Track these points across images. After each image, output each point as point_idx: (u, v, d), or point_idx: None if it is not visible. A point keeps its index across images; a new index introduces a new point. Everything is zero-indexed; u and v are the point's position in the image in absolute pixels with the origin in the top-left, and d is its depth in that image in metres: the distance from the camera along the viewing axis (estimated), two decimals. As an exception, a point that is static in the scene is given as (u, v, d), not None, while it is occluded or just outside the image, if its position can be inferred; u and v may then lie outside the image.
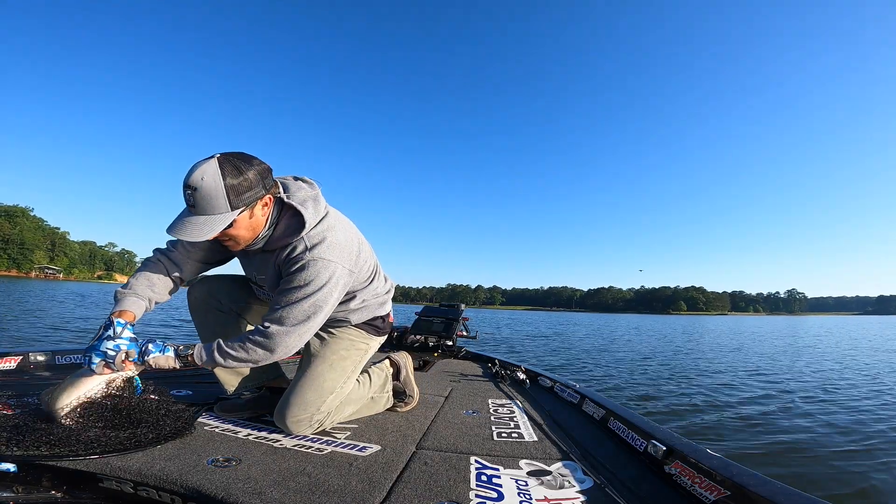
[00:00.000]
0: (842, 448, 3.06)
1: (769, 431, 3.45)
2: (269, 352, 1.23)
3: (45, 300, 16.64)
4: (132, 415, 1.19)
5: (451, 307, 3.85)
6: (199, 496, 0.92)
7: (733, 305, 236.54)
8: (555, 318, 43.63)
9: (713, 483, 0.97)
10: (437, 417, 1.64)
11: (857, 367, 7.79)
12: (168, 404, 1.29)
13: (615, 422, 1.52)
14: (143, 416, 1.20)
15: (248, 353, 1.23)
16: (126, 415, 1.18)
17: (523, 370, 2.46)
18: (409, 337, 3.50)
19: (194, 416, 1.37)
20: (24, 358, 1.90)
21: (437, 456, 1.23)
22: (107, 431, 1.11)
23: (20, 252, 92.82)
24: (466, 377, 2.49)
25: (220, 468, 1.02)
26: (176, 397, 1.66)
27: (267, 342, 1.21)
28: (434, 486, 1.01)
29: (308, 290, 1.20)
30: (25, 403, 1.30)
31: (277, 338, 1.21)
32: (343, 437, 1.34)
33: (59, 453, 0.99)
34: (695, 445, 1.16)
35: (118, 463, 1.00)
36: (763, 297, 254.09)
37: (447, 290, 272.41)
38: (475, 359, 3.19)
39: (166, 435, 1.17)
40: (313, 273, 1.20)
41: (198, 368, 1.27)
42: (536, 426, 1.59)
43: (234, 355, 1.23)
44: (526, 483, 1.07)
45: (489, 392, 2.13)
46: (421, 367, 2.73)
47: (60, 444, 1.02)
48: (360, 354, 1.53)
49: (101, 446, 1.04)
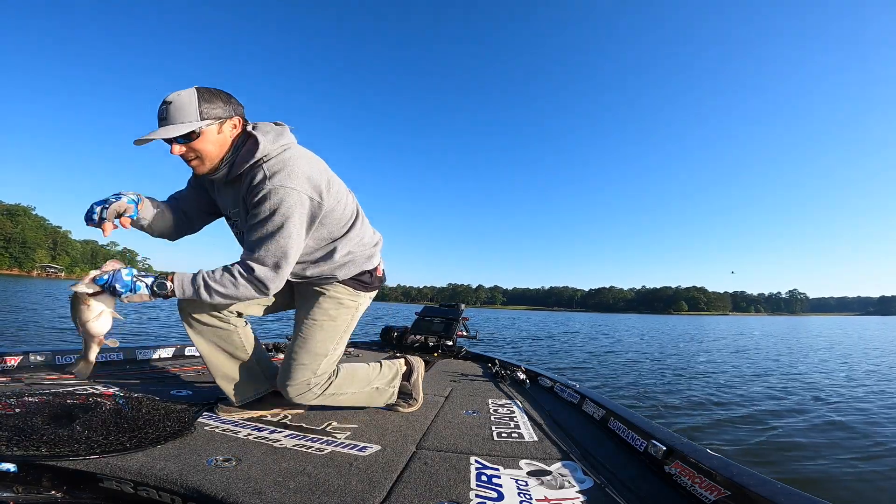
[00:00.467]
0: (842, 448, 3.05)
1: (783, 433, 3.44)
2: (256, 288, 1.24)
3: (46, 298, 16.64)
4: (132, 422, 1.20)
5: (452, 307, 3.84)
6: (199, 496, 0.92)
7: (734, 305, 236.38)
8: (555, 318, 43.57)
9: (713, 483, 0.96)
10: (437, 417, 1.63)
11: (866, 367, 7.75)
12: (167, 405, 1.29)
13: (615, 422, 1.52)
14: (144, 420, 1.21)
15: (237, 290, 1.23)
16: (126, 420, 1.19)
17: (523, 370, 2.46)
18: (409, 337, 3.50)
19: (194, 417, 1.37)
20: (24, 358, 1.90)
21: (437, 456, 1.23)
22: (107, 433, 1.11)
23: (22, 251, 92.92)
24: (466, 377, 2.49)
25: (220, 468, 1.02)
26: (175, 397, 1.67)
27: (251, 278, 1.23)
28: (434, 486, 1.01)
29: (275, 222, 1.20)
30: (25, 403, 1.30)
31: (259, 273, 1.22)
32: (343, 437, 1.34)
33: (59, 453, 0.99)
34: (695, 445, 1.16)
35: (118, 463, 1.00)
36: (764, 298, 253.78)
37: (448, 290, 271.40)
38: (475, 359, 3.19)
39: (166, 435, 1.17)
40: (276, 202, 1.19)
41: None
42: (536, 426, 1.58)
43: (223, 291, 1.23)
44: (526, 483, 1.07)
45: (489, 392, 2.13)
46: None
47: (60, 444, 1.02)
48: (350, 312, 1.53)
49: (101, 446, 1.04)
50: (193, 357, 2.53)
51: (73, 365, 1.19)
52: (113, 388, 1.66)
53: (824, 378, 6.42)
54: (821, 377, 6.50)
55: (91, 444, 1.04)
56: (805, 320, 78.19)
